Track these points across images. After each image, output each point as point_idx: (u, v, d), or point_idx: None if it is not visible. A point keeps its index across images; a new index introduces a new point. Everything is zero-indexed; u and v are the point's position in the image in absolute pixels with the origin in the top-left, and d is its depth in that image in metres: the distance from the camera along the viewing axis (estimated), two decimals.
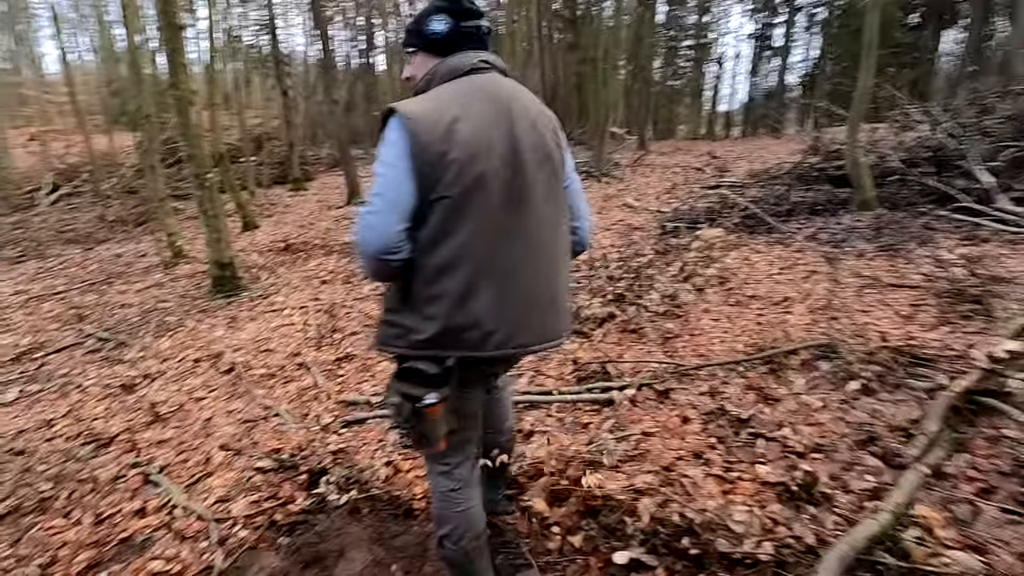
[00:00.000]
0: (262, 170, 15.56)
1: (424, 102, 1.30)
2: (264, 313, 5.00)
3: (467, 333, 1.29)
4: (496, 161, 1.28)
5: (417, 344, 1.31)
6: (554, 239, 1.40)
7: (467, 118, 1.26)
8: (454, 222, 1.26)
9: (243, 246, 8.24)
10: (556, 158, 1.40)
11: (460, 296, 1.27)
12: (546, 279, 1.39)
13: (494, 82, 1.37)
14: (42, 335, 4.80)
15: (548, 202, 1.37)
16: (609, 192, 10.41)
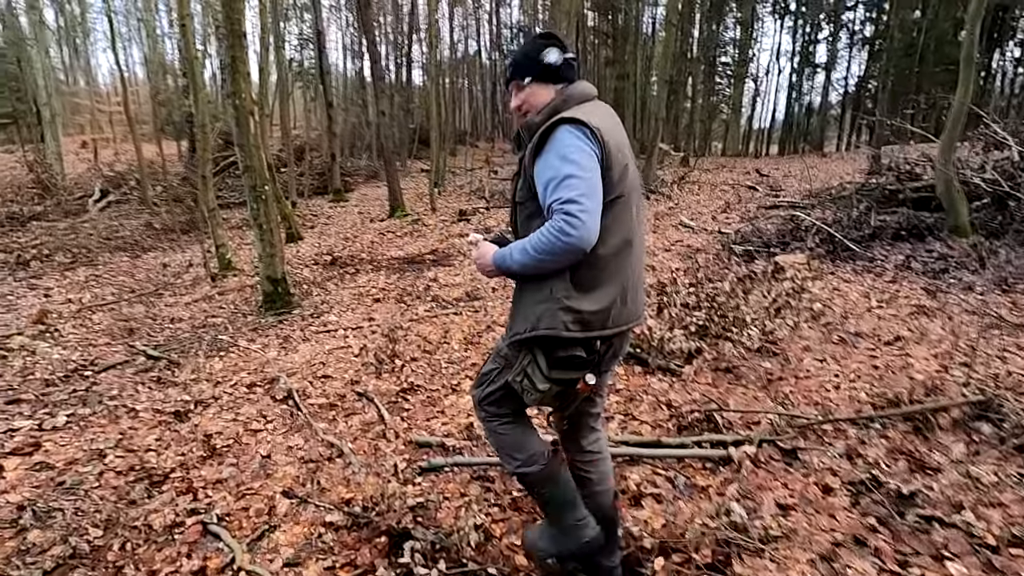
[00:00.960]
0: (303, 181, 15.58)
1: (592, 113, 1.47)
2: (317, 334, 4.73)
3: (621, 312, 1.50)
4: (632, 169, 1.53)
5: (592, 325, 1.46)
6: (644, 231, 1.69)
7: (612, 134, 1.47)
8: (621, 218, 1.48)
9: (289, 258, 8.06)
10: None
11: (622, 283, 1.49)
12: (642, 265, 1.63)
13: (608, 107, 1.61)
14: (92, 350, 4.61)
15: (641, 201, 1.62)
16: (660, 210, 10.00)
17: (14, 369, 4.24)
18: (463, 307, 5.31)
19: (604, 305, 1.46)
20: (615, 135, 1.47)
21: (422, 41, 30.84)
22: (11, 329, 5.49)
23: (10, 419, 3.45)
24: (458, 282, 6.22)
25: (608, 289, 1.47)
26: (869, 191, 7.52)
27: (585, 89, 1.57)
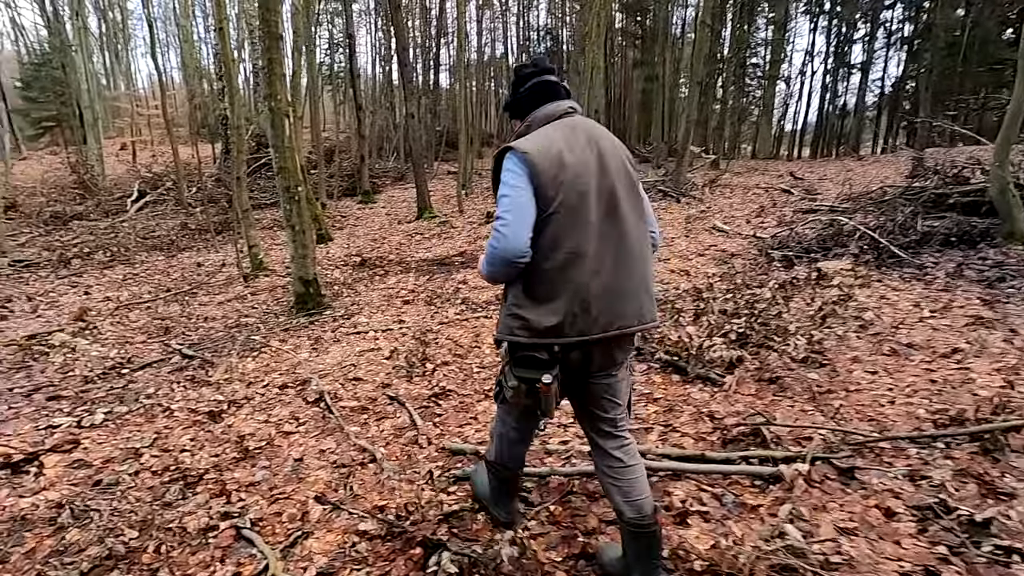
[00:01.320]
0: (332, 182, 15.75)
1: (535, 140, 1.61)
2: (348, 335, 4.71)
3: (579, 321, 1.54)
4: (595, 181, 1.58)
5: (540, 331, 1.55)
6: (640, 240, 1.66)
7: (564, 152, 1.57)
8: (567, 231, 1.54)
9: (319, 259, 8.11)
10: (634, 177, 1.69)
11: (575, 291, 1.53)
12: (638, 272, 1.63)
13: (581, 122, 1.69)
14: (129, 348, 4.68)
15: (633, 211, 1.64)
16: (691, 213, 9.79)
17: (55, 365, 4.31)
18: (493, 310, 5.23)
19: (554, 314, 1.54)
20: (562, 154, 1.56)
21: (449, 44, 31.04)
22: (53, 326, 5.62)
23: (51, 416, 3.49)
24: (487, 286, 6.15)
25: (558, 299, 1.54)
26: (913, 195, 7.23)
27: (550, 112, 1.71)
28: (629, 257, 1.61)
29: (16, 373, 4.28)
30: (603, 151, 1.63)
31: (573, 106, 1.73)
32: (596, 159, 1.61)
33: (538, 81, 1.74)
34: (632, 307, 1.60)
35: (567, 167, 1.55)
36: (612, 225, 1.59)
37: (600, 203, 1.58)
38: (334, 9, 28.88)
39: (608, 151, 1.64)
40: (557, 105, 1.71)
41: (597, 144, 1.63)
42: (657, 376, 3.64)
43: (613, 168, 1.63)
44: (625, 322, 1.59)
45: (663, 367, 3.75)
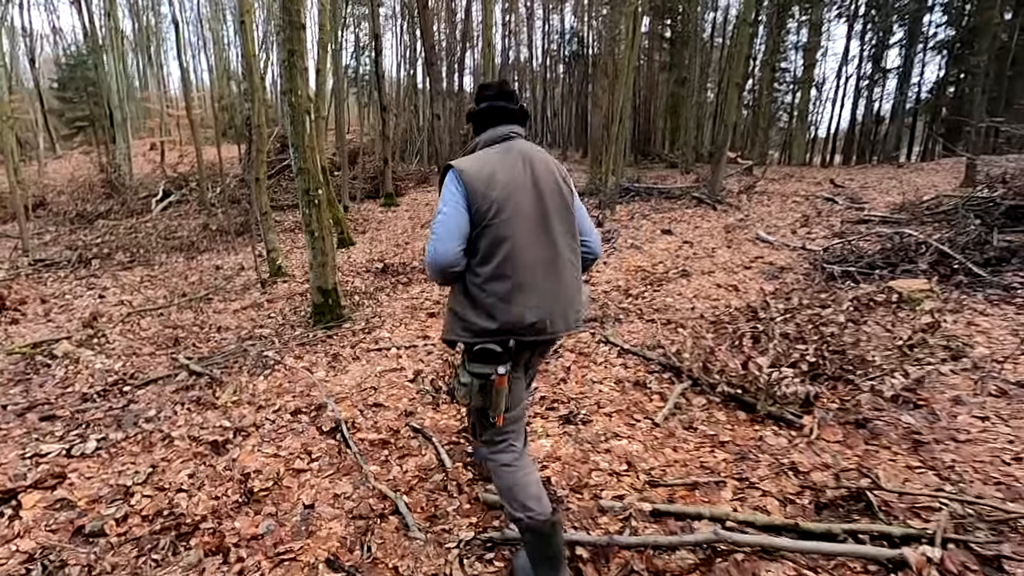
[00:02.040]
0: (355, 185, 15.49)
1: (472, 160, 1.80)
2: (368, 352, 4.30)
3: (515, 324, 1.71)
4: (526, 198, 1.77)
5: (481, 332, 1.73)
6: (570, 253, 1.85)
7: (501, 171, 1.76)
8: (498, 243, 1.72)
9: (340, 264, 7.75)
10: (566, 194, 1.87)
11: (508, 296, 1.71)
12: (567, 281, 1.81)
13: (518, 145, 1.87)
14: (135, 360, 4.34)
15: (562, 225, 1.83)
16: (729, 222, 9.23)
17: (55, 379, 3.99)
18: None
19: (489, 317, 1.71)
20: (495, 175, 1.72)
21: (474, 47, 30.78)
22: (62, 332, 5.33)
23: (40, 441, 3.14)
24: None
25: (493, 304, 1.70)
26: (978, 206, 6.60)
27: (493, 135, 1.87)
28: (558, 267, 1.79)
29: (15, 386, 3.96)
30: (536, 171, 1.80)
31: (515, 130, 1.89)
32: (529, 178, 1.78)
33: (490, 106, 1.91)
34: (560, 312, 1.78)
35: (498, 185, 1.71)
36: (543, 238, 1.77)
37: (531, 218, 1.75)
38: (361, 13, 28.89)
39: (541, 171, 1.81)
40: (497, 130, 1.88)
41: (531, 165, 1.81)
42: (720, 412, 3.15)
43: (544, 187, 1.80)
44: (555, 327, 1.77)
45: (725, 401, 3.26)
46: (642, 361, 3.95)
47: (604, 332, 4.56)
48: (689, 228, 8.98)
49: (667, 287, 5.76)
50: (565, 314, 1.78)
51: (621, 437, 2.97)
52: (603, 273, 6.49)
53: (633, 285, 5.95)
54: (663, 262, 6.86)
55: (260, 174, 6.54)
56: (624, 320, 4.88)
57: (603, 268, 6.70)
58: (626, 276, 6.35)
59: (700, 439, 2.89)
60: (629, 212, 10.52)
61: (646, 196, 12.26)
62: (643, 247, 7.71)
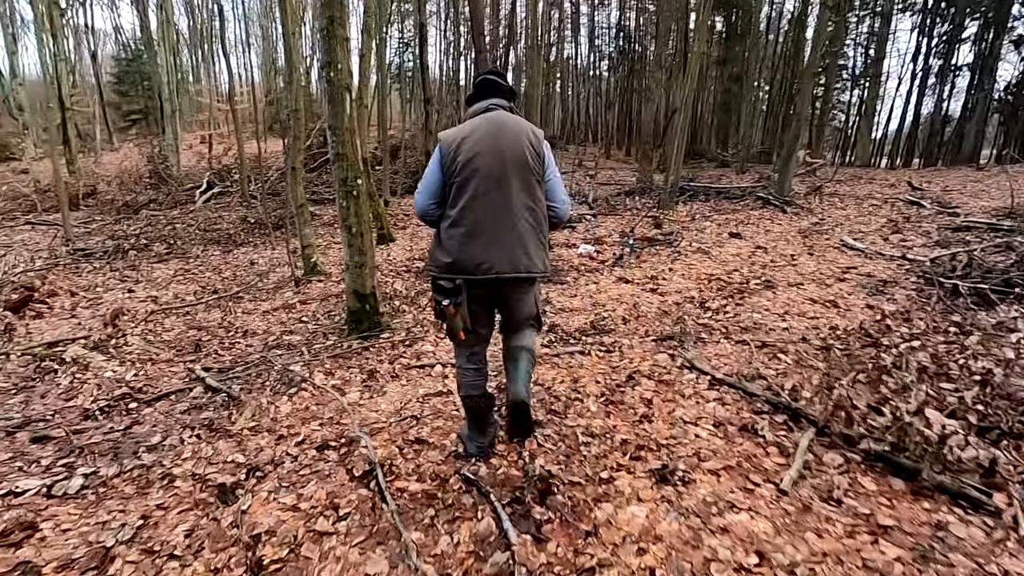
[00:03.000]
0: (396, 179, 15.02)
1: (451, 130, 2.22)
2: (409, 369, 3.66)
3: (466, 264, 2.13)
4: (485, 160, 2.10)
5: (441, 267, 2.18)
6: (526, 210, 2.15)
7: (470, 138, 2.14)
8: (459, 196, 2.13)
9: (379, 262, 7.18)
10: (531, 162, 2.15)
11: (462, 240, 2.13)
12: (518, 233, 2.14)
13: (494, 115, 2.21)
14: (150, 368, 3.82)
15: (521, 185, 2.14)
16: (803, 226, 8.26)
17: (59, 389, 3.49)
18: (590, 344, 4.06)
19: (447, 255, 2.16)
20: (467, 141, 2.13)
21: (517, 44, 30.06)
22: (83, 330, 4.90)
23: (22, 472, 2.60)
24: (576, 306, 4.98)
25: (451, 246, 2.15)
26: None
27: (476, 107, 2.27)
28: (510, 220, 2.12)
29: (16, 395, 3.47)
30: (503, 138, 2.13)
31: (496, 103, 2.25)
32: (494, 143, 2.12)
33: (482, 80, 2.31)
34: (506, 258, 2.12)
35: (465, 150, 2.12)
36: (498, 194, 2.11)
37: (490, 177, 2.10)
38: (405, 10, 28.60)
39: (508, 138, 2.13)
40: (480, 104, 2.26)
41: (500, 132, 2.14)
42: (867, 478, 2.36)
43: (508, 151, 2.12)
44: (501, 269, 2.12)
45: (869, 460, 2.47)
46: (742, 396, 3.18)
47: (685, 354, 3.80)
48: (759, 231, 8.06)
49: (750, 300, 4.94)
50: (513, 260, 2.12)
51: (739, 509, 2.22)
52: (671, 281, 5.69)
53: (709, 296, 5.14)
54: (738, 270, 6.01)
55: (297, 163, 6.01)
56: (707, 340, 4.10)
57: (670, 275, 5.90)
58: (698, 285, 5.54)
59: (851, 520, 2.12)
60: (688, 212, 9.63)
61: (703, 196, 11.32)
62: (711, 252, 6.87)
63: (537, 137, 2.20)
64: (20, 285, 6.14)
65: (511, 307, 2.35)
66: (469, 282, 2.14)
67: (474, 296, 2.20)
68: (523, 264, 2.14)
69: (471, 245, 2.10)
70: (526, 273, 2.17)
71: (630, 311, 4.80)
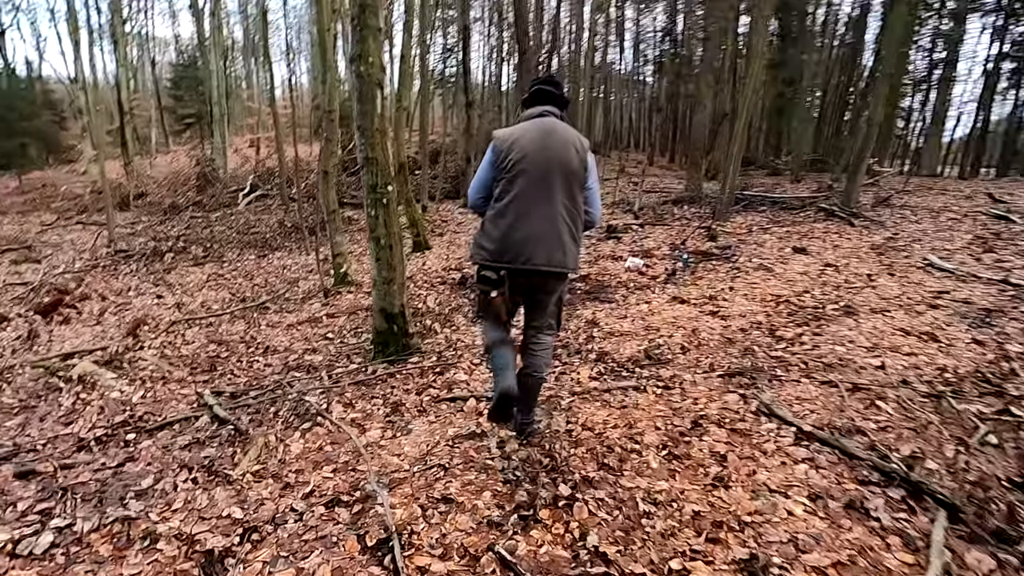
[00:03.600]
0: (435, 184, 14.74)
1: (506, 130, 2.41)
2: (439, 402, 3.20)
3: (507, 254, 2.28)
4: (533, 161, 2.27)
5: (486, 257, 2.34)
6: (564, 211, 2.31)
7: (521, 139, 2.30)
8: (506, 191, 2.30)
9: (413, 272, 6.80)
10: (574, 166, 2.31)
11: (505, 232, 2.28)
12: (556, 230, 2.29)
13: (546, 121, 2.37)
14: (159, 390, 3.49)
15: (562, 187, 2.30)
16: (875, 241, 7.44)
17: (58, 412, 3.18)
18: (646, 379, 3.51)
19: (491, 244, 2.31)
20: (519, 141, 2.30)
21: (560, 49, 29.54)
22: (107, 337, 4.66)
23: None
24: (628, 330, 4.42)
25: (494, 237, 2.31)
26: None
27: (530, 112, 2.44)
28: (549, 218, 2.27)
29: (15, 416, 3.19)
30: (550, 143, 2.29)
31: (549, 110, 2.42)
32: (541, 148, 2.28)
33: (537, 88, 2.48)
34: (543, 253, 2.26)
35: (516, 151, 2.28)
36: (540, 194, 2.27)
37: (535, 178, 2.26)
38: (449, 16, 28.56)
39: (557, 144, 2.30)
40: (534, 108, 2.43)
41: (548, 137, 2.30)
42: None
43: (554, 155, 2.28)
44: (538, 262, 2.26)
45: None
46: (840, 457, 2.58)
47: (760, 395, 3.21)
48: (826, 246, 7.29)
49: (829, 329, 4.27)
50: (548, 254, 2.28)
51: None
52: (733, 302, 5.06)
53: (779, 322, 4.50)
54: (809, 291, 5.32)
55: (329, 167, 5.67)
56: (783, 377, 3.49)
57: (731, 295, 5.27)
58: (764, 308, 4.89)
59: None
60: (744, 224, 8.90)
61: (759, 206, 10.53)
62: (774, 268, 6.18)
63: (584, 146, 2.38)
64: (54, 288, 6.01)
65: (538, 299, 2.47)
66: (510, 272, 2.30)
67: (514, 285, 2.35)
68: (557, 259, 2.30)
69: (513, 237, 2.26)
70: (559, 268, 2.31)
71: (689, 338, 4.22)
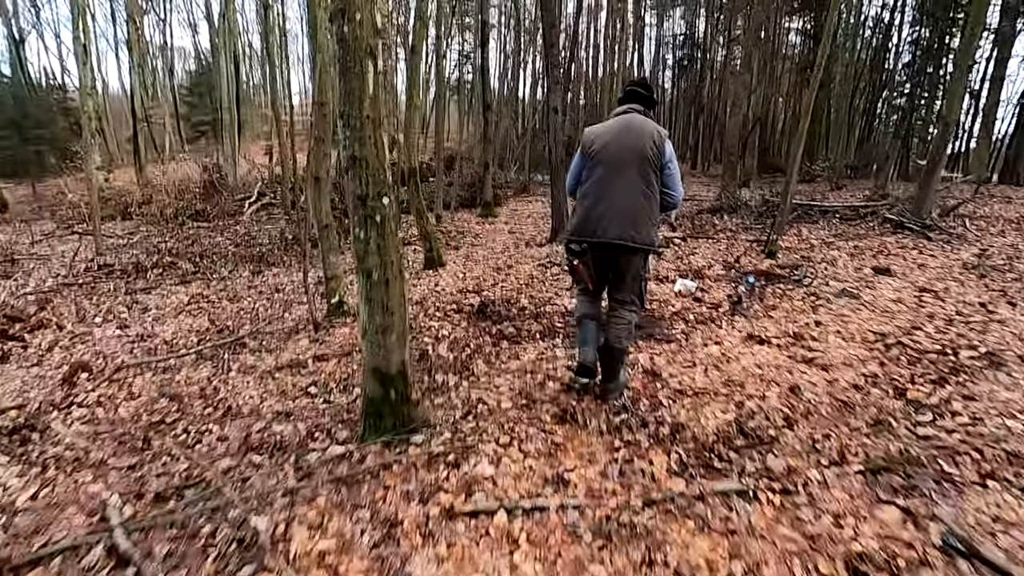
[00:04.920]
0: (451, 192, 13.74)
1: (594, 126, 2.92)
2: (453, 519, 2.11)
3: (587, 229, 2.74)
4: (612, 151, 2.73)
5: (572, 231, 2.84)
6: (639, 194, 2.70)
7: (604, 133, 2.80)
8: (589, 177, 2.79)
9: (423, 294, 5.75)
10: (648, 155, 2.69)
11: (587, 210, 2.76)
12: (630, 211, 2.68)
13: (627, 116, 2.82)
14: (59, 483, 2.45)
15: (638, 175, 2.69)
16: (964, 258, 6.23)
17: None
18: (752, 475, 2.39)
19: (579, 221, 2.79)
20: (602, 135, 2.79)
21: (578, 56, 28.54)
22: (40, 385, 3.67)
23: None
24: (702, 386, 3.30)
25: (580, 215, 2.80)
26: None
27: (618, 109, 2.93)
28: (625, 199, 2.68)
29: None
30: (628, 135, 2.72)
31: (633, 107, 2.86)
32: (619, 139, 2.73)
33: (629, 89, 2.95)
34: (615, 229, 2.66)
35: (598, 143, 2.76)
36: (616, 179, 2.69)
37: (612, 165, 2.71)
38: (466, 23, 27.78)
39: (633, 136, 2.71)
40: (622, 107, 2.90)
41: (626, 129, 2.74)
42: None
43: (629, 146, 2.69)
44: (612, 235, 2.67)
45: None
46: None
47: (939, 514, 2.08)
48: (909, 265, 6.10)
49: (978, 387, 3.11)
50: (621, 229, 2.66)
51: None
52: (827, 343, 3.92)
53: (902, 376, 3.35)
54: (919, 327, 4.16)
55: (321, 171, 4.64)
56: (955, 477, 2.35)
57: (820, 333, 4.13)
58: (871, 353, 3.74)
59: None
60: (802, 237, 7.72)
61: (811, 216, 9.34)
62: (860, 296, 5.01)
63: (661, 136, 2.73)
64: (5, 314, 5.06)
65: (619, 271, 2.80)
66: (591, 244, 2.72)
67: (596, 258, 2.77)
68: (629, 234, 2.66)
69: (592, 215, 2.73)
70: (631, 242, 2.66)
71: (789, 400, 3.08)
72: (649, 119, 2.80)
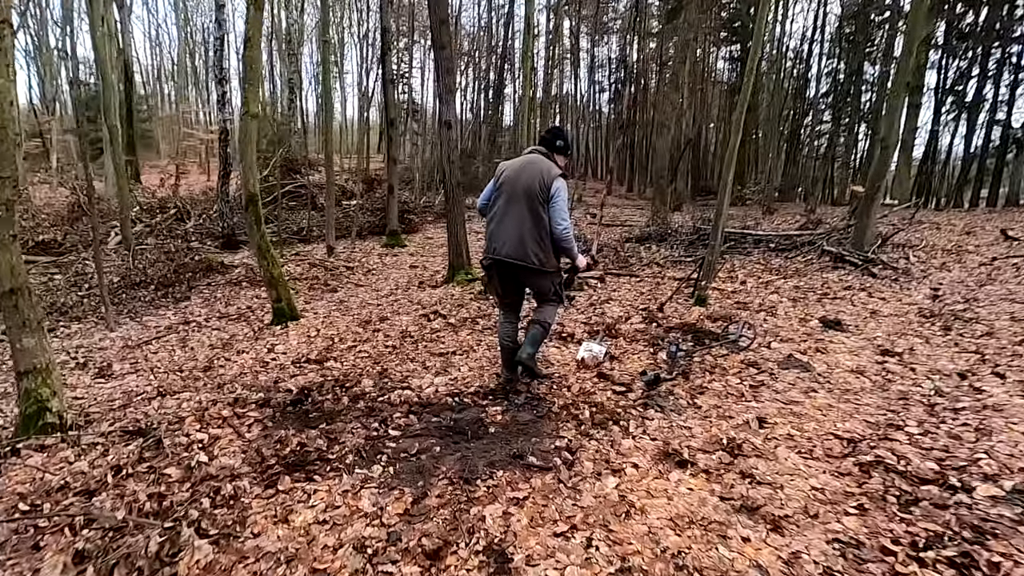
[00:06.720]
0: (358, 217, 12.08)
1: (505, 161, 3.44)
2: None
3: (490, 246, 3.27)
4: (510, 183, 3.22)
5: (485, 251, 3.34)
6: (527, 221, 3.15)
7: (509, 167, 3.31)
8: (494, 204, 3.29)
9: (241, 365, 4.11)
10: (536, 190, 3.14)
11: (491, 232, 3.28)
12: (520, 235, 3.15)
13: (531, 156, 3.32)
14: None
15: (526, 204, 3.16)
16: (916, 300, 5.21)
17: None
18: None
19: (487, 239, 3.30)
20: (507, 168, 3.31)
21: (516, 79, 27.74)
22: None
23: None
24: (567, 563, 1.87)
25: (487, 233, 3.32)
26: None
27: (526, 149, 3.48)
28: (515, 225, 3.15)
29: None
30: (524, 172, 3.20)
31: (536, 148, 3.37)
32: (516, 174, 3.22)
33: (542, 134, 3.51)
34: (511, 248, 3.16)
35: (505, 174, 3.28)
36: (511, 207, 3.18)
37: (509, 195, 3.20)
38: None
39: (528, 173, 3.19)
40: (530, 148, 3.42)
41: (524, 168, 3.22)
42: None
43: (523, 182, 3.17)
44: (505, 253, 3.17)
45: None
46: None
47: None
48: (860, 312, 4.99)
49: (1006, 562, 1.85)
50: (515, 250, 3.15)
51: None
52: (775, 461, 2.59)
53: (890, 534, 2.05)
54: (895, 424, 2.93)
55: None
56: None
57: (764, 440, 2.82)
58: (841, 481, 2.44)
59: None
60: (736, 275, 6.60)
61: (742, 247, 8.33)
62: (815, 366, 3.79)
63: (549, 175, 3.15)
64: None
65: (529, 285, 3.35)
66: (494, 260, 3.23)
67: (498, 273, 3.28)
68: (519, 254, 3.14)
69: (494, 235, 3.23)
70: (521, 261, 3.14)
71: None
72: (548, 159, 3.27)
